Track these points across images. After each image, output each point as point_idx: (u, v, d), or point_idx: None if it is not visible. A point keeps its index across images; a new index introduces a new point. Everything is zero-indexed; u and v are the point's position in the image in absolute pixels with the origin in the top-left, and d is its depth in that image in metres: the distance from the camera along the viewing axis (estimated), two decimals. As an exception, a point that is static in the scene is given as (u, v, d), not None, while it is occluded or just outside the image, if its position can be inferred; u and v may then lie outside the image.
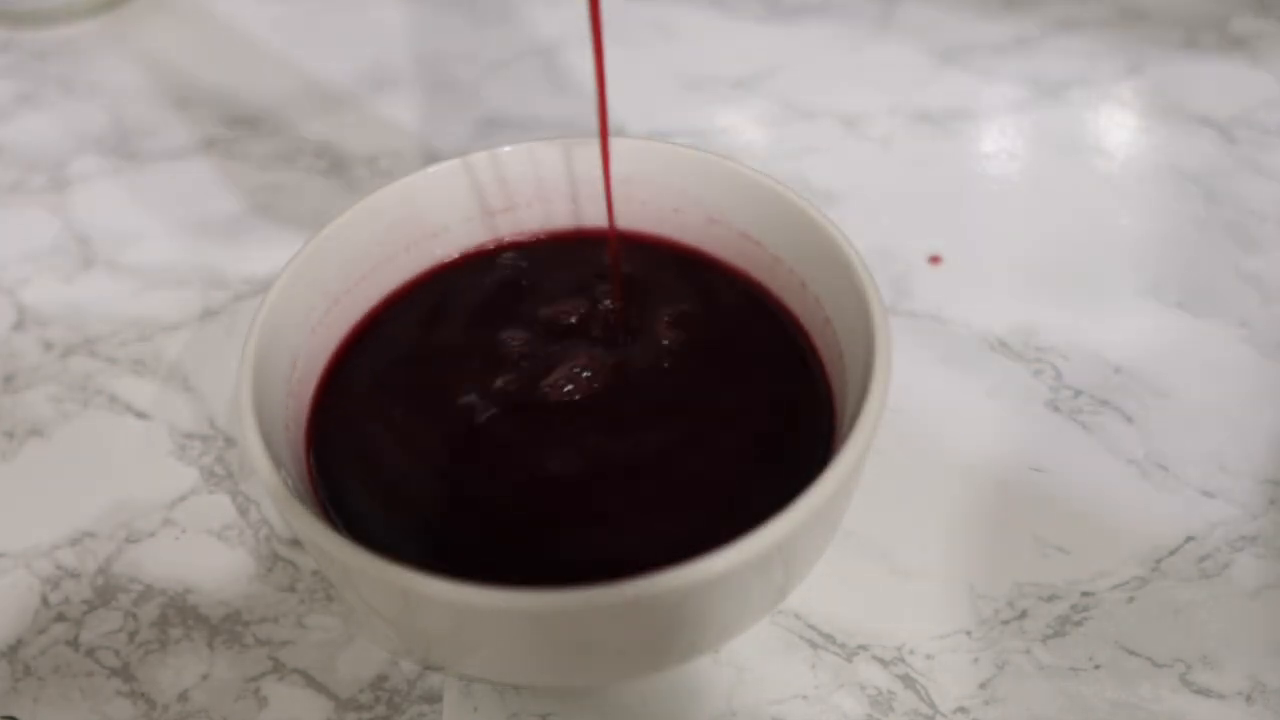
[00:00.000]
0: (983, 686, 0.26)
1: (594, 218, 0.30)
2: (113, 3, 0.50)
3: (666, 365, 0.27)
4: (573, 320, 0.28)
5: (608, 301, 0.28)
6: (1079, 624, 0.27)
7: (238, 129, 0.43)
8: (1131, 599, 0.27)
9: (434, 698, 0.26)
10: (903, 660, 0.26)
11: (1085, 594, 0.27)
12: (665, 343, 0.27)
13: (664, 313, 0.28)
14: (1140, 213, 0.37)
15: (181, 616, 0.28)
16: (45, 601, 0.28)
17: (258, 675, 0.26)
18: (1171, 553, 0.28)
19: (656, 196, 0.29)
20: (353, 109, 0.44)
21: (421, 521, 0.24)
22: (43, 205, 0.40)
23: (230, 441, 0.32)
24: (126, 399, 0.33)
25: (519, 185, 0.29)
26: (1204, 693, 0.25)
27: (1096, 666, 0.26)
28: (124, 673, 0.27)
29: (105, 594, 0.28)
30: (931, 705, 0.25)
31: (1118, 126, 0.41)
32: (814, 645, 0.26)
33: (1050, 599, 0.27)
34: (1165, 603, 0.27)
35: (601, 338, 0.27)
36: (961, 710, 0.25)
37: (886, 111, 0.42)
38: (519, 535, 0.24)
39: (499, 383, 0.27)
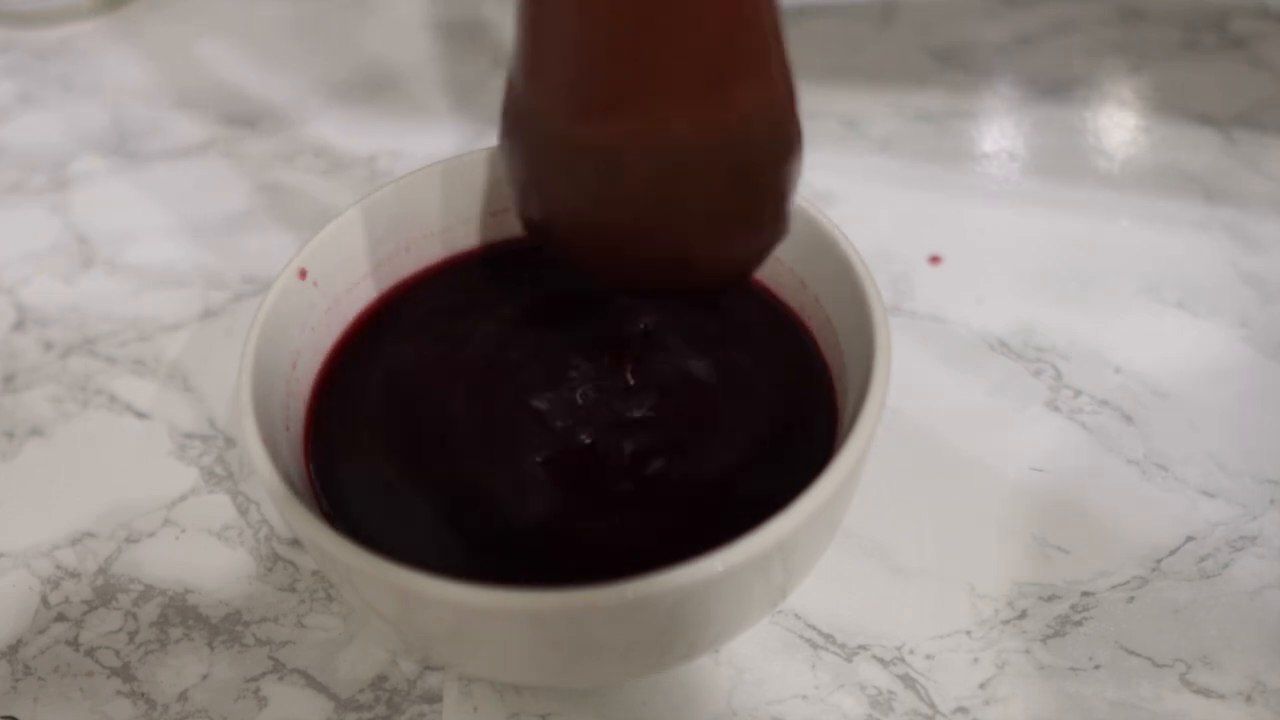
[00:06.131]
0: (983, 686, 0.26)
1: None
2: (113, 3, 0.50)
3: (667, 365, 0.27)
4: (572, 320, 0.28)
5: (607, 301, 0.28)
6: (1079, 624, 0.27)
7: (238, 129, 0.43)
8: (1131, 599, 0.27)
9: (434, 698, 0.26)
10: (903, 660, 0.26)
11: (1085, 594, 0.27)
12: (665, 343, 0.27)
13: (664, 313, 0.28)
14: (1140, 213, 0.37)
15: (181, 616, 0.28)
16: (45, 601, 0.28)
17: (258, 675, 0.26)
18: (1171, 553, 0.28)
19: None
20: (353, 109, 0.44)
21: (421, 521, 0.24)
22: (43, 205, 0.40)
23: (230, 441, 0.32)
24: (126, 399, 0.33)
25: (519, 185, 0.29)
26: (1204, 693, 0.25)
27: (1096, 666, 0.26)
28: (124, 673, 0.27)
29: (105, 594, 0.28)
30: (931, 705, 0.25)
31: (1118, 126, 0.41)
32: (814, 645, 0.27)
33: (1050, 599, 0.27)
34: (1165, 603, 0.27)
35: (601, 337, 0.27)
36: (961, 710, 0.25)
37: (886, 111, 0.42)
38: (519, 535, 0.24)
39: (498, 382, 0.27)
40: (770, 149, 0.22)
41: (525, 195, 0.24)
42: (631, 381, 0.26)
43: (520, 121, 0.23)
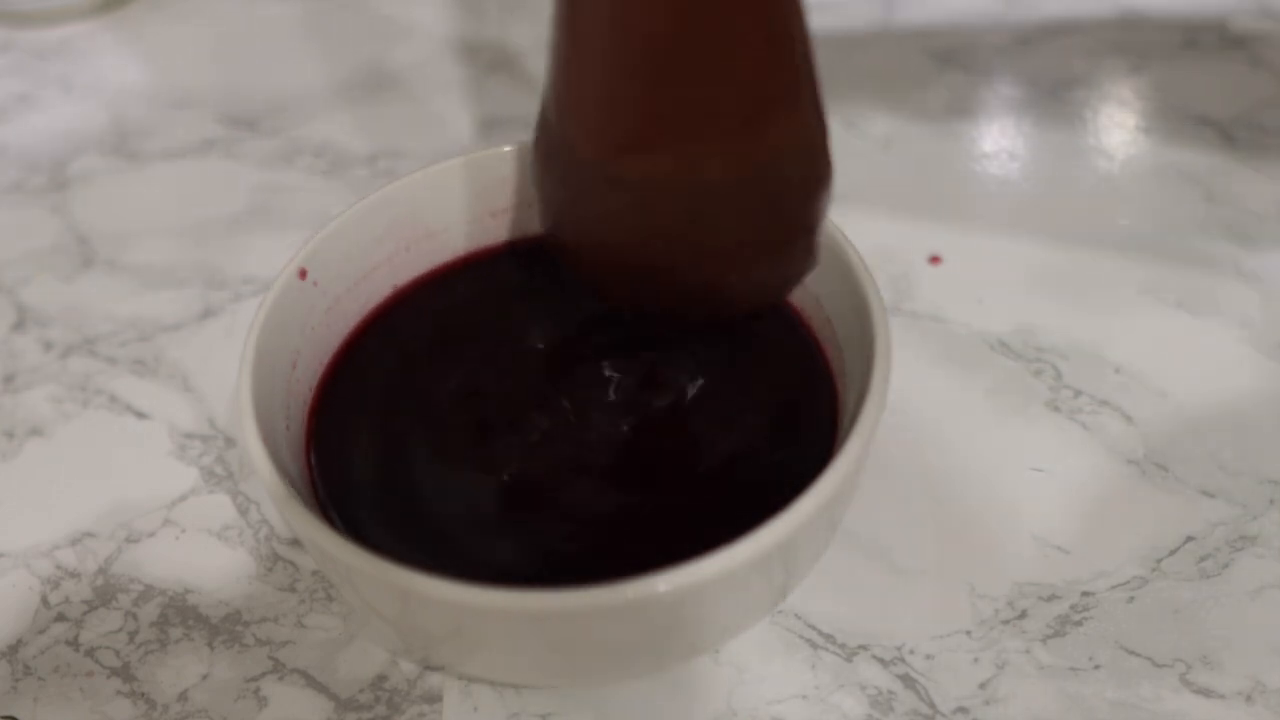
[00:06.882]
0: (983, 686, 0.26)
1: (594, 218, 0.30)
2: (113, 3, 0.50)
3: (667, 365, 0.27)
4: (572, 320, 0.28)
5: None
6: (1079, 624, 0.27)
7: (238, 129, 0.43)
8: (1131, 599, 0.27)
9: (434, 698, 0.26)
10: (903, 660, 0.26)
11: (1085, 594, 0.27)
12: (666, 343, 0.27)
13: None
14: (1140, 213, 0.37)
15: (181, 616, 0.28)
16: (45, 601, 0.28)
17: (258, 675, 0.26)
18: (1171, 553, 0.28)
19: (656, 196, 0.29)
20: (353, 109, 0.44)
21: (421, 521, 0.24)
22: (43, 205, 0.40)
23: (230, 441, 0.32)
24: (126, 399, 0.33)
25: (519, 185, 0.29)
26: (1204, 693, 0.25)
27: (1096, 666, 0.26)
28: (124, 673, 0.27)
29: (105, 594, 0.28)
30: (931, 705, 0.25)
31: (1118, 126, 0.41)
32: (814, 645, 0.26)
33: (1050, 599, 0.27)
34: (1165, 603, 0.27)
35: (601, 337, 0.27)
36: (961, 710, 0.25)
37: (886, 111, 0.42)
38: (519, 535, 0.24)
39: (498, 382, 0.27)
40: (801, 184, 0.23)
41: (557, 225, 0.25)
42: (631, 382, 0.26)
43: (553, 154, 0.23)
